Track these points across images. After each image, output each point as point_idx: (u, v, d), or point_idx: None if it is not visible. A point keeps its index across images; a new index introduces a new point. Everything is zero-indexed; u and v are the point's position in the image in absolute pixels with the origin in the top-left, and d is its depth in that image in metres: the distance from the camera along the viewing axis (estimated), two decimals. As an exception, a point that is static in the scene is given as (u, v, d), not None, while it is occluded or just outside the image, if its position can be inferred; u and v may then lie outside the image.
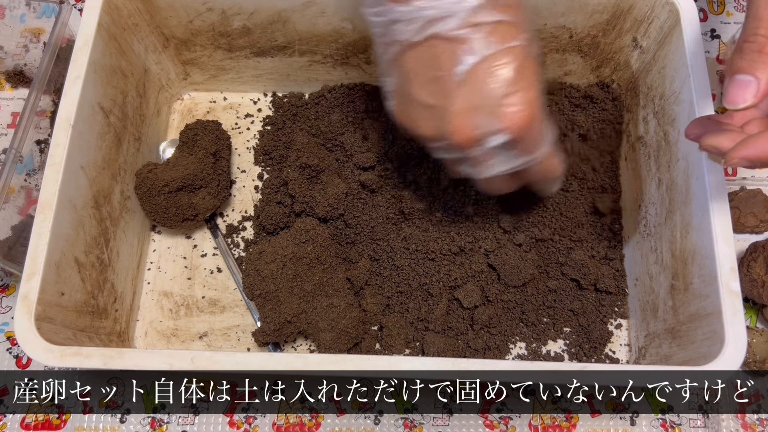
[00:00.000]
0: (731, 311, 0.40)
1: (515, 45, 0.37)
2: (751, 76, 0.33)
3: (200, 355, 0.40)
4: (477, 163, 0.40)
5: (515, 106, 0.37)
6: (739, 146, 0.34)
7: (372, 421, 0.53)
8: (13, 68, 0.64)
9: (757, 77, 0.33)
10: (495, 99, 0.37)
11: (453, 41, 0.37)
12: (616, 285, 0.54)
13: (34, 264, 0.42)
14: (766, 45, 0.33)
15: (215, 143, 0.56)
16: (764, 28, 0.33)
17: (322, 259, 0.51)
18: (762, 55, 0.33)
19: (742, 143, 0.34)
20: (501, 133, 0.37)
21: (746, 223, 0.57)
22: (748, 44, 0.34)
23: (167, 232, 0.59)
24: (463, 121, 0.38)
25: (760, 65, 0.33)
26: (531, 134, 0.38)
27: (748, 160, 0.34)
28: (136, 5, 0.53)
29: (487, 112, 0.37)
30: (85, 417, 0.53)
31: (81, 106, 0.46)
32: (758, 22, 0.33)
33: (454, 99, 0.38)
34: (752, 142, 0.34)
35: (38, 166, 0.57)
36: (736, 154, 0.34)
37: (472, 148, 0.39)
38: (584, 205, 0.56)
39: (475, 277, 0.54)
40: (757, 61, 0.33)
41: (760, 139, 0.34)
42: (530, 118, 0.37)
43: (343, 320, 0.50)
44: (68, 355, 0.41)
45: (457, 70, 0.37)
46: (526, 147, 0.39)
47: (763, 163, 0.34)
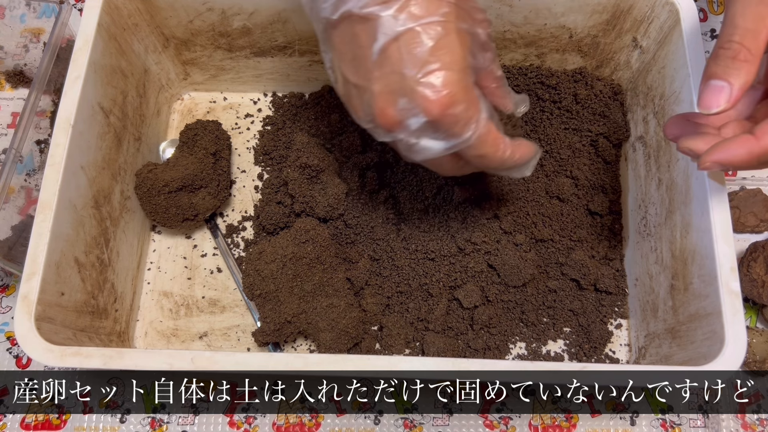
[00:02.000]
0: (731, 311, 0.40)
1: (432, 21, 0.34)
2: (724, 82, 0.34)
3: (200, 355, 0.40)
4: (407, 146, 0.38)
5: (430, 87, 0.34)
6: (712, 150, 0.35)
7: (372, 421, 0.53)
8: (13, 68, 0.64)
9: (730, 83, 0.33)
10: (410, 79, 0.35)
11: (367, 19, 0.35)
12: (616, 285, 0.54)
13: (34, 264, 0.42)
14: (740, 52, 0.34)
15: (215, 143, 0.56)
16: (738, 35, 0.34)
17: (322, 259, 0.51)
18: (735, 62, 0.34)
19: (714, 147, 0.35)
20: (418, 115, 0.35)
21: (746, 223, 0.57)
22: (722, 50, 0.34)
23: (167, 232, 0.59)
24: (385, 103, 0.36)
25: (733, 71, 0.33)
26: (452, 116, 0.35)
27: (720, 164, 0.34)
28: (136, 5, 0.53)
29: (404, 93, 0.35)
30: (85, 417, 0.53)
31: (81, 106, 0.46)
32: (733, 29, 0.34)
33: (374, 80, 0.36)
34: (724, 147, 0.34)
35: (38, 166, 0.57)
36: (708, 158, 0.34)
37: (396, 131, 0.37)
38: (584, 205, 0.56)
39: (475, 277, 0.54)
40: (731, 68, 0.34)
41: (732, 144, 0.34)
42: (449, 99, 0.35)
43: (343, 320, 0.50)
44: (68, 355, 0.41)
45: (373, 49, 0.35)
46: (449, 130, 0.36)
47: (734, 167, 0.35)
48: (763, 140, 0.33)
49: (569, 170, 0.57)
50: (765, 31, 0.33)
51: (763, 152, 0.33)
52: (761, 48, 0.34)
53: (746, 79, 0.33)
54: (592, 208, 0.56)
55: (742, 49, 0.33)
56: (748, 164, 0.34)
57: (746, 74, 0.33)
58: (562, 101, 0.58)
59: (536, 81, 0.59)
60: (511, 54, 0.58)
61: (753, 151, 0.34)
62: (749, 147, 0.34)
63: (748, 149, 0.34)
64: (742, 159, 0.34)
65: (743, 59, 0.33)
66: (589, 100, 0.58)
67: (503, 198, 0.56)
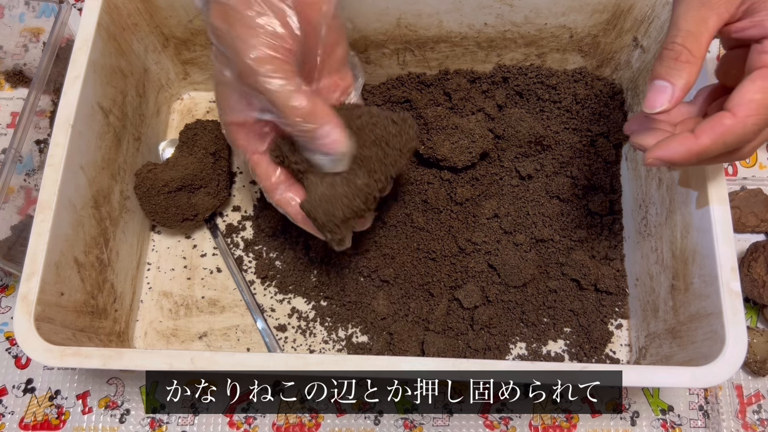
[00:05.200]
0: (732, 311, 0.40)
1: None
2: (667, 83, 0.34)
3: (200, 355, 0.40)
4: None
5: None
6: (655, 147, 0.36)
7: (372, 421, 0.53)
8: (12, 68, 0.64)
9: (672, 84, 0.34)
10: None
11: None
12: (617, 285, 0.54)
13: (33, 264, 0.42)
14: (682, 53, 0.34)
15: (215, 143, 0.56)
16: (681, 37, 0.34)
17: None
18: (678, 63, 0.34)
19: (657, 144, 0.36)
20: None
21: (747, 223, 0.57)
22: (667, 51, 0.35)
23: (167, 232, 0.59)
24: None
25: (675, 72, 0.34)
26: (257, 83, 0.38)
27: (662, 160, 0.35)
28: (135, 5, 0.53)
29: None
30: (85, 417, 0.53)
31: (80, 105, 0.46)
32: (676, 32, 0.35)
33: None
34: (665, 145, 0.35)
35: (38, 166, 0.57)
36: (650, 154, 0.35)
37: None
38: (584, 205, 0.56)
39: (476, 277, 0.54)
40: (673, 69, 0.34)
41: (672, 141, 0.35)
42: (251, 68, 0.38)
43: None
44: (68, 355, 0.40)
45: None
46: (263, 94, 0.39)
47: (676, 163, 0.35)
48: (701, 139, 0.34)
49: (569, 170, 0.57)
50: (706, 34, 0.34)
51: (702, 150, 0.34)
52: (703, 50, 0.34)
53: (688, 80, 0.34)
54: (592, 208, 0.56)
55: (684, 50, 0.34)
56: (687, 161, 0.35)
57: (688, 75, 0.34)
58: (562, 101, 0.58)
59: (536, 81, 0.59)
60: (512, 54, 0.58)
61: (692, 149, 0.34)
62: (688, 145, 0.34)
63: (687, 147, 0.34)
64: (681, 156, 0.35)
65: (685, 60, 0.34)
66: (589, 100, 0.58)
67: (503, 198, 0.56)
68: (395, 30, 0.56)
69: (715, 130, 0.34)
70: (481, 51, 0.58)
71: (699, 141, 0.34)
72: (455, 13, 0.53)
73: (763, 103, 0.33)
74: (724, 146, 0.34)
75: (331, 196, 0.41)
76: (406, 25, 0.55)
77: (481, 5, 0.53)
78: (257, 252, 0.57)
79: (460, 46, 0.57)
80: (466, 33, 0.56)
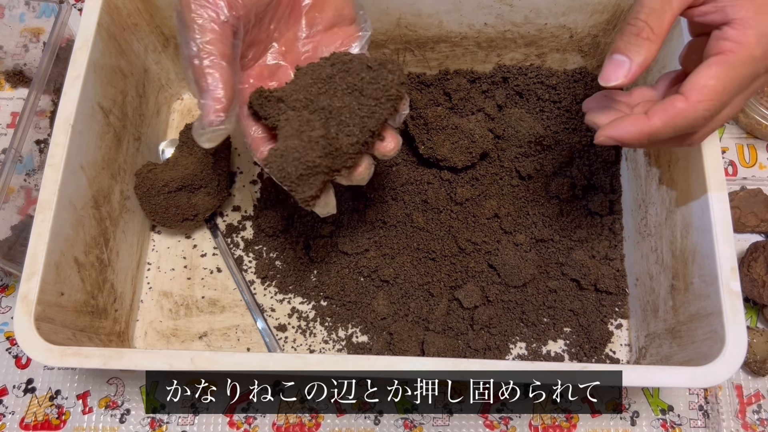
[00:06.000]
0: (731, 311, 0.40)
1: None
2: (625, 57, 0.35)
3: (200, 355, 0.40)
4: None
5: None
6: (607, 125, 0.36)
7: (372, 421, 0.53)
8: (12, 68, 0.64)
9: (630, 59, 0.34)
10: None
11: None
12: (617, 285, 0.54)
13: (33, 264, 0.42)
14: (643, 29, 0.34)
15: (215, 143, 0.56)
16: (644, 13, 0.35)
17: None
18: (638, 39, 0.35)
19: (610, 123, 0.36)
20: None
21: (747, 223, 0.57)
22: (629, 27, 0.35)
23: (167, 232, 0.59)
24: None
25: (634, 48, 0.34)
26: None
27: (613, 139, 0.36)
28: (136, 5, 0.53)
29: None
30: (85, 417, 0.53)
31: (80, 105, 0.46)
32: (641, 8, 0.35)
33: None
34: (617, 124, 0.35)
35: (38, 166, 0.57)
36: (602, 132, 0.36)
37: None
38: (584, 205, 0.56)
39: (476, 277, 0.54)
40: (633, 44, 0.35)
41: (624, 121, 0.35)
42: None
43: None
44: (68, 355, 0.40)
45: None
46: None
47: (627, 143, 0.36)
48: (653, 120, 0.34)
49: (569, 170, 0.57)
50: (670, 12, 0.34)
51: (652, 131, 0.35)
52: (664, 28, 0.34)
53: (646, 56, 0.34)
54: (592, 208, 0.56)
55: (646, 27, 0.34)
56: (638, 142, 0.35)
57: (647, 52, 0.34)
58: (562, 101, 0.58)
59: (536, 81, 0.59)
60: (512, 54, 0.58)
61: (642, 130, 0.35)
62: (639, 126, 0.35)
63: (638, 128, 0.35)
64: (632, 136, 0.35)
65: (645, 37, 0.34)
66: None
67: (503, 198, 0.56)
68: (395, 30, 0.56)
69: (667, 112, 0.34)
70: (481, 51, 0.58)
71: (650, 122, 0.35)
72: (455, 13, 0.54)
73: (716, 89, 0.33)
74: (674, 129, 0.35)
75: (284, 149, 0.38)
76: (406, 25, 0.55)
77: (481, 5, 0.53)
78: (257, 252, 0.57)
79: (460, 46, 0.57)
80: (466, 33, 0.56)
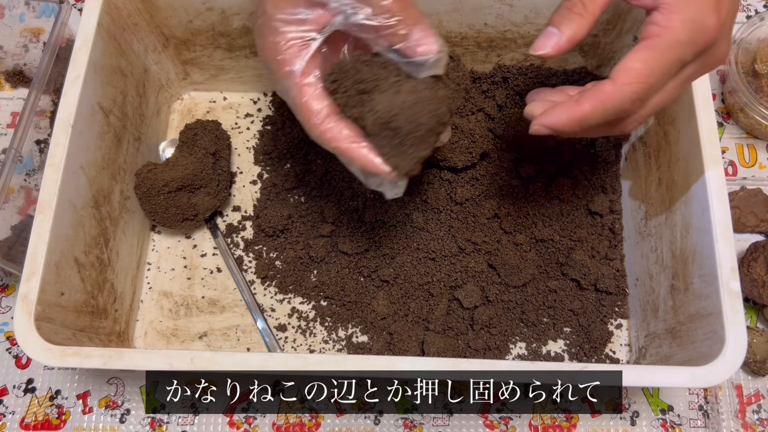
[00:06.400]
0: (731, 311, 0.40)
1: None
2: (556, 30, 0.36)
3: (200, 355, 0.40)
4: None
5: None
6: (541, 114, 0.36)
7: (372, 421, 0.53)
8: (12, 68, 0.64)
9: (561, 31, 0.36)
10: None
11: None
12: (617, 285, 0.54)
13: (33, 264, 0.42)
14: (576, 5, 0.35)
15: (215, 143, 0.56)
16: None
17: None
18: (570, 13, 0.35)
19: (543, 112, 0.36)
20: None
21: (747, 223, 0.57)
22: (564, 2, 0.36)
23: (167, 232, 0.59)
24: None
25: (566, 21, 0.35)
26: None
27: (546, 127, 0.36)
28: (136, 5, 0.53)
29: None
30: (85, 417, 0.53)
31: (81, 105, 0.46)
32: None
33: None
34: (550, 112, 0.36)
35: (38, 166, 0.57)
36: (536, 122, 0.37)
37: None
38: (584, 205, 0.56)
39: (476, 277, 0.54)
40: (565, 18, 0.36)
41: (556, 109, 0.36)
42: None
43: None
44: (68, 355, 0.40)
45: None
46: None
47: (560, 131, 0.36)
48: (583, 105, 0.35)
49: (569, 170, 0.57)
50: None
51: (583, 116, 0.35)
52: (597, 6, 0.35)
53: (575, 32, 0.35)
54: (592, 208, 0.56)
55: (579, 3, 0.35)
56: (570, 128, 0.36)
57: (577, 27, 0.35)
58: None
59: (536, 81, 0.59)
60: (512, 54, 0.58)
61: (573, 115, 0.35)
62: (570, 112, 0.35)
63: (569, 114, 0.35)
64: (564, 122, 0.36)
65: (577, 12, 0.35)
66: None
67: (503, 198, 0.56)
68: (395, 30, 0.56)
69: (596, 96, 0.35)
70: (481, 51, 0.58)
71: (580, 107, 0.35)
72: (455, 13, 0.54)
73: (643, 72, 0.34)
74: (604, 113, 0.35)
75: (415, 101, 0.37)
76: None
77: (481, 5, 0.53)
78: (257, 252, 0.57)
79: (460, 46, 0.57)
80: (466, 33, 0.56)
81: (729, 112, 0.63)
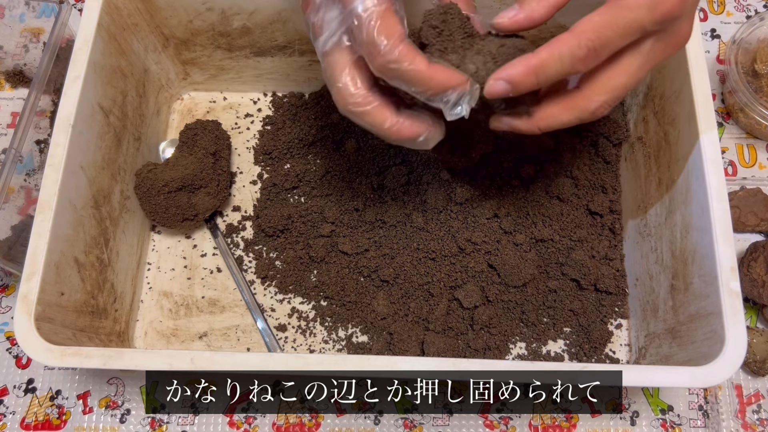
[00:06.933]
0: (731, 311, 0.40)
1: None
2: (517, 6, 0.39)
3: (200, 355, 0.40)
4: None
5: None
6: (497, 71, 0.37)
7: (372, 421, 0.53)
8: (12, 68, 0.64)
9: (520, 8, 0.39)
10: None
11: None
12: (616, 285, 0.54)
13: (33, 264, 0.42)
14: None
15: (215, 143, 0.56)
16: None
17: None
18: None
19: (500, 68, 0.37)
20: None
21: (747, 223, 0.57)
22: None
23: (167, 232, 0.59)
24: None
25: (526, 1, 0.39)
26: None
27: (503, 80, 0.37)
28: (136, 5, 0.53)
29: None
30: (85, 417, 0.53)
31: (81, 106, 0.46)
32: None
33: None
34: (506, 66, 0.37)
35: (38, 166, 0.57)
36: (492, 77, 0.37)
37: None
38: (584, 205, 0.56)
39: (475, 277, 0.54)
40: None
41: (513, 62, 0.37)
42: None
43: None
44: (68, 355, 0.41)
45: None
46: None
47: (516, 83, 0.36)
48: (539, 53, 0.36)
49: (569, 170, 0.57)
50: None
51: (539, 63, 0.36)
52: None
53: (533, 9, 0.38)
54: (592, 208, 0.56)
55: None
56: (528, 78, 0.36)
57: (536, 5, 0.38)
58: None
59: (536, 81, 0.59)
60: (511, 54, 0.58)
61: (530, 63, 0.36)
62: (526, 62, 0.36)
63: (525, 63, 0.36)
64: (520, 73, 0.36)
65: None
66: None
67: (503, 198, 0.56)
68: (395, 30, 0.56)
69: (552, 44, 0.36)
70: (481, 51, 0.58)
71: (536, 55, 0.36)
72: (455, 13, 0.53)
73: (599, 22, 0.35)
74: (560, 60, 0.35)
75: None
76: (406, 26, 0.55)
77: (481, 5, 0.53)
78: (257, 252, 0.57)
79: (460, 46, 0.57)
80: (466, 33, 0.56)
81: (729, 112, 0.63)
